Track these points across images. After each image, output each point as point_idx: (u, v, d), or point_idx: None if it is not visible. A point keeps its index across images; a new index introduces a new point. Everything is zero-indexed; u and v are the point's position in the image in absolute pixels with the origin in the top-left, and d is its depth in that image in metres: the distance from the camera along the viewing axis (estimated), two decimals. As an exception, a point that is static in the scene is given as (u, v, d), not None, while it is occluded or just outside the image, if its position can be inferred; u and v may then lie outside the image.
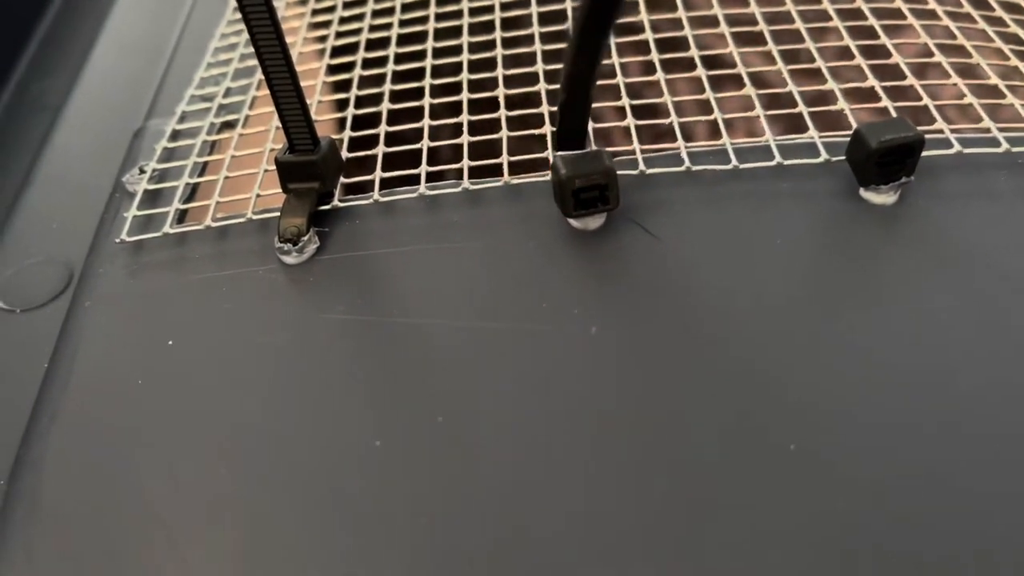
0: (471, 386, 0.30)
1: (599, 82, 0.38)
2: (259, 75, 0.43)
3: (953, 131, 0.34)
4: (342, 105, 0.40)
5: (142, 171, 0.39)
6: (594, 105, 0.36)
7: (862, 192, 0.33)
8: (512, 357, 0.30)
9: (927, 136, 0.32)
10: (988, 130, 0.34)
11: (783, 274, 0.31)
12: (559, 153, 0.32)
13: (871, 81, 0.36)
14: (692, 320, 0.30)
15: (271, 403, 0.30)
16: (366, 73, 0.41)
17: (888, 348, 0.29)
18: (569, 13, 0.41)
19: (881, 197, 0.33)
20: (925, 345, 0.29)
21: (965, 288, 0.30)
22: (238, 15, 0.47)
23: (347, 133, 0.38)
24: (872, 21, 0.39)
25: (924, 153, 0.32)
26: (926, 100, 0.35)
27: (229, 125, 0.41)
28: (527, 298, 0.31)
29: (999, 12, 0.40)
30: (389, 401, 0.30)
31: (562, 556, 0.26)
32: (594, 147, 0.35)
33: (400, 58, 0.42)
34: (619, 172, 0.32)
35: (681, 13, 0.41)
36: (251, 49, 0.45)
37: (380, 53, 0.42)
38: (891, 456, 0.26)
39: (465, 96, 0.39)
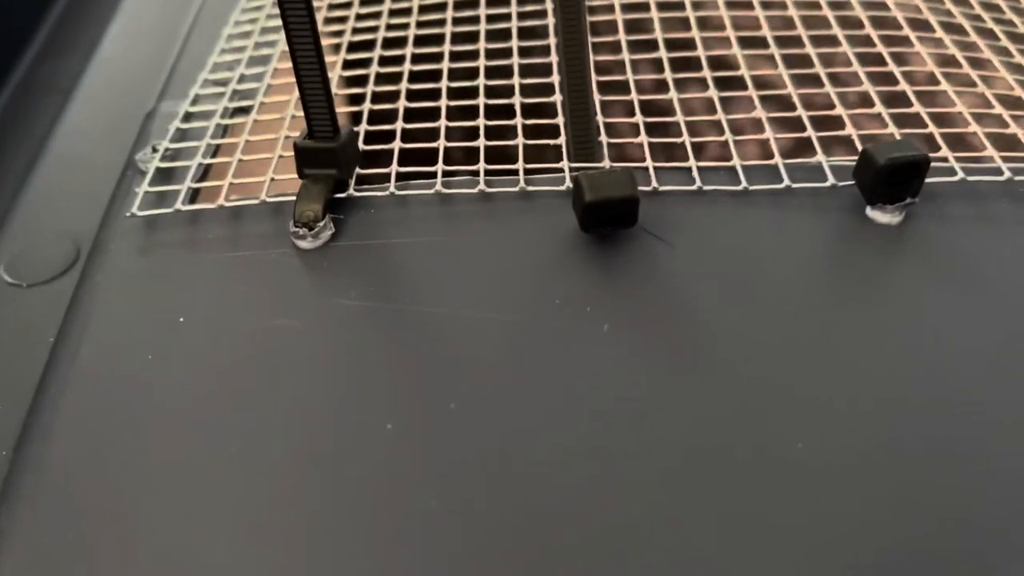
0: (483, 375, 0.30)
1: (613, 98, 0.39)
2: (273, 64, 0.43)
3: (957, 159, 0.35)
4: (354, 100, 0.40)
5: (155, 150, 0.38)
6: (608, 121, 0.37)
7: (868, 211, 0.34)
8: (523, 349, 0.30)
9: (932, 164, 0.33)
10: (991, 159, 0.35)
11: (789, 287, 0.32)
12: (583, 172, 0.33)
13: (879, 108, 0.37)
14: (699, 330, 0.31)
15: (282, 385, 0.30)
16: (383, 70, 0.42)
17: (891, 363, 0.30)
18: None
19: (887, 216, 0.34)
20: (928, 361, 0.30)
21: (967, 308, 0.31)
22: (252, 3, 0.48)
23: (363, 126, 0.38)
24: (881, 48, 0.41)
25: (928, 179, 0.33)
26: (931, 128, 0.36)
27: (242, 111, 0.41)
28: (538, 295, 0.32)
29: (1004, 42, 0.41)
30: (401, 387, 0.30)
31: (568, 543, 0.26)
32: (607, 160, 0.36)
33: (417, 58, 0.42)
34: None
35: (695, 33, 0.42)
36: (265, 38, 0.45)
37: (397, 52, 0.43)
38: (890, 471, 0.27)
39: (482, 101, 0.39)
